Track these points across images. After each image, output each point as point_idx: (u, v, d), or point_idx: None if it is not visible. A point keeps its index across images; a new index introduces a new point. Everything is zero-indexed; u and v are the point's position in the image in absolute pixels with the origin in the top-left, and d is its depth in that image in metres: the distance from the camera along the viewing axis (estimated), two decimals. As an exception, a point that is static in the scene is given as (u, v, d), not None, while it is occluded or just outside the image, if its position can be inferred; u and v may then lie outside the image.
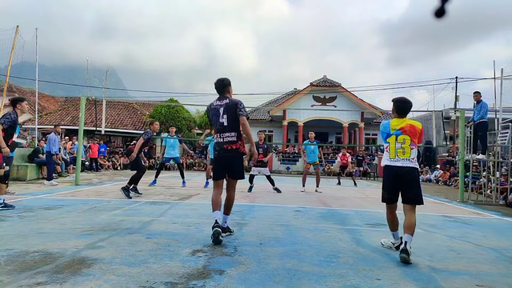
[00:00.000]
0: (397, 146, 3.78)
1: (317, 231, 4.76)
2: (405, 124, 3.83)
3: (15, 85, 28.78)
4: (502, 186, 9.65)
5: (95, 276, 2.70)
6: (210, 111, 4.24)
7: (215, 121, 4.16)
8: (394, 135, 3.81)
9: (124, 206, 6.20)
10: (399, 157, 3.76)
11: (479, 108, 9.79)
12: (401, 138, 3.79)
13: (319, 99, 24.38)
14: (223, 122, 4.07)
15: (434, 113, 12.70)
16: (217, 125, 4.13)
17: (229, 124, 4.06)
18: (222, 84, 4.22)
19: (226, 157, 4.11)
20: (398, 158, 3.76)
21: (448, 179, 16.88)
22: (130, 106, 26.45)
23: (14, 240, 3.70)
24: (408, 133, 3.79)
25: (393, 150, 3.80)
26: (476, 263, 3.54)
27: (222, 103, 4.13)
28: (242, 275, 2.86)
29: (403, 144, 3.78)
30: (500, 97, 10.59)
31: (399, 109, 3.93)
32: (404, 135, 3.79)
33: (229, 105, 4.07)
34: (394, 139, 3.80)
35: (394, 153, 3.79)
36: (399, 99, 4.00)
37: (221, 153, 4.11)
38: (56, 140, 10.52)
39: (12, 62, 14.28)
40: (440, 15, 1.29)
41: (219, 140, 4.14)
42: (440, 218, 6.42)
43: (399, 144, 3.78)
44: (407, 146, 3.77)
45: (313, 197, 8.93)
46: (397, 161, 3.76)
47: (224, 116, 4.07)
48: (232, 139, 4.07)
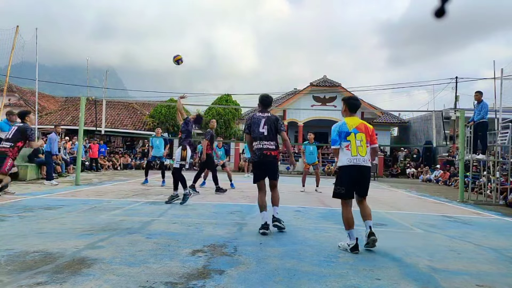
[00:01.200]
0: (357, 143, 3.92)
1: (317, 231, 4.76)
2: (359, 123, 4.06)
3: (15, 85, 28.78)
4: (502, 186, 9.65)
5: (95, 276, 2.70)
6: (251, 120, 4.90)
7: (255, 130, 4.81)
8: (353, 133, 3.95)
9: (124, 206, 6.20)
10: (360, 155, 3.91)
11: (479, 108, 9.78)
12: (359, 136, 3.97)
13: (319, 99, 24.38)
14: (263, 132, 4.76)
15: (434, 113, 12.70)
16: (257, 133, 4.79)
17: (268, 134, 4.75)
18: (268, 101, 4.97)
19: (266, 162, 4.77)
20: (360, 156, 3.90)
21: (448, 179, 16.87)
22: (130, 106, 26.43)
23: (14, 240, 3.70)
24: (364, 132, 4.01)
25: (354, 148, 3.92)
26: (476, 263, 3.54)
27: (264, 115, 4.85)
28: (242, 275, 2.86)
29: (362, 142, 3.96)
30: (500, 97, 10.58)
31: (351, 106, 4.14)
32: (360, 133, 3.97)
33: (270, 118, 4.81)
34: (354, 137, 3.94)
35: (355, 150, 3.92)
36: (350, 97, 4.30)
37: (261, 158, 4.75)
38: (57, 140, 10.53)
39: (12, 62, 14.28)
40: (440, 15, 1.29)
41: (258, 147, 4.78)
42: (440, 218, 6.42)
43: (358, 142, 3.93)
44: (364, 144, 3.97)
45: (313, 197, 8.93)
46: (359, 159, 3.91)
47: (265, 127, 4.76)
48: (271, 147, 4.76)
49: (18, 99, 29.54)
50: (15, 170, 7.04)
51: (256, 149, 4.81)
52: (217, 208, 6.44)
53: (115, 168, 19.43)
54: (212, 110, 22.99)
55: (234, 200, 7.77)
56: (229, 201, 7.49)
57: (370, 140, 4.04)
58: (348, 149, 3.93)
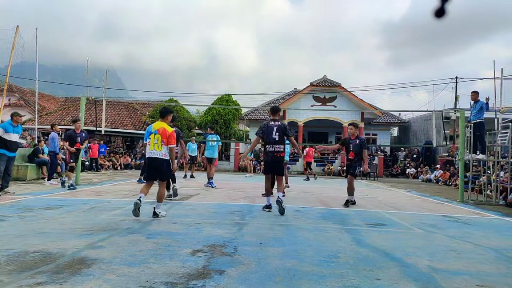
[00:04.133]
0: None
1: (317, 231, 4.76)
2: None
3: (15, 85, 28.77)
4: (502, 184, 9.64)
5: (95, 276, 2.70)
6: (265, 127, 6.19)
7: (268, 136, 6.14)
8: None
9: (124, 206, 6.20)
10: None
11: (478, 107, 9.76)
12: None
13: (319, 99, 24.37)
14: (276, 138, 6.11)
15: (434, 113, 12.70)
16: (270, 139, 6.12)
17: (279, 139, 6.14)
18: (277, 110, 6.46)
19: (275, 161, 6.13)
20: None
21: (448, 179, 16.87)
22: (130, 106, 26.43)
23: (14, 240, 3.70)
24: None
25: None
26: (476, 263, 3.54)
27: (275, 124, 6.19)
28: (242, 275, 2.86)
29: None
30: (500, 97, 10.59)
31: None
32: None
33: (281, 127, 6.18)
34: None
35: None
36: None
37: (273, 158, 6.11)
38: (58, 139, 10.56)
39: (12, 62, 14.27)
40: (440, 15, 1.29)
41: (271, 150, 6.13)
42: (440, 218, 6.42)
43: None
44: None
45: (313, 197, 8.93)
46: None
47: (276, 133, 6.12)
48: (281, 149, 6.15)
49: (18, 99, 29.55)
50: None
51: (268, 151, 6.15)
52: (217, 208, 6.44)
53: (115, 168, 19.43)
54: (212, 110, 22.98)
55: (234, 200, 7.77)
56: (229, 201, 7.50)
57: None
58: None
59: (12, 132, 7.70)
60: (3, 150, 7.59)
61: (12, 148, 7.74)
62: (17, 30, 14.15)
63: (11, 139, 7.68)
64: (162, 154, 5.24)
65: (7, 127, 7.70)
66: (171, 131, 5.32)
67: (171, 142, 5.29)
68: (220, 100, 24.37)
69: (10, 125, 7.73)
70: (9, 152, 7.67)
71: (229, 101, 24.07)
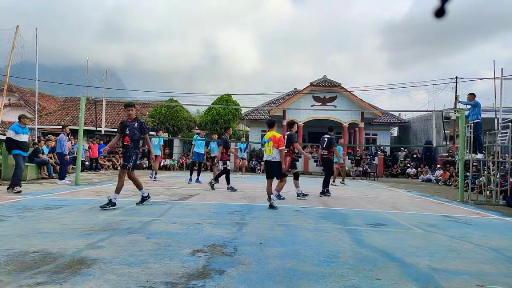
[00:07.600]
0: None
1: (317, 231, 4.75)
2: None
3: (15, 85, 28.77)
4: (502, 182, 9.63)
5: (95, 276, 2.70)
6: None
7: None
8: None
9: (124, 206, 6.20)
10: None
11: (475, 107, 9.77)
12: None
13: (319, 99, 24.36)
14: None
15: (434, 113, 12.69)
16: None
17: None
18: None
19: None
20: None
21: (448, 179, 16.87)
22: (130, 106, 26.42)
23: (14, 240, 3.70)
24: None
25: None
26: (476, 263, 3.54)
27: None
28: (242, 275, 2.86)
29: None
30: (500, 97, 10.59)
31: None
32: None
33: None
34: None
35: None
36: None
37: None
38: (66, 141, 10.60)
39: (12, 62, 14.27)
40: (440, 15, 1.29)
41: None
42: (440, 218, 6.42)
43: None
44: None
45: (313, 197, 8.93)
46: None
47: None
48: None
49: (18, 99, 29.53)
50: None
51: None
52: (217, 208, 6.44)
53: (115, 168, 19.43)
54: (212, 110, 22.96)
55: (234, 200, 7.77)
56: (229, 201, 7.50)
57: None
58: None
59: (22, 133, 8.23)
60: (18, 151, 8.14)
61: (24, 148, 8.29)
62: (17, 30, 14.15)
63: (22, 140, 8.19)
64: (273, 157, 6.63)
65: (17, 129, 8.22)
66: (279, 137, 6.60)
67: (281, 145, 6.59)
68: (220, 100, 24.37)
69: (19, 127, 8.25)
70: (23, 152, 8.24)
71: (229, 101, 24.06)
